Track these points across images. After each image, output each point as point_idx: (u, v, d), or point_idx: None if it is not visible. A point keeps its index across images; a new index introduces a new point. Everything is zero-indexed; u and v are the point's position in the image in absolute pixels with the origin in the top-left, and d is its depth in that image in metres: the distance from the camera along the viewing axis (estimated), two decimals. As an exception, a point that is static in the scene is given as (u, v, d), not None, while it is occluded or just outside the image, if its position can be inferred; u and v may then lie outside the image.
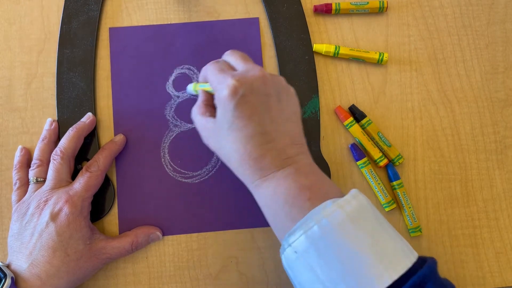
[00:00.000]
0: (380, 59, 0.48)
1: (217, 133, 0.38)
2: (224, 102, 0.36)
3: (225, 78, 0.37)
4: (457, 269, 0.46)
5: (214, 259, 0.46)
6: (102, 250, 0.42)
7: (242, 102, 0.36)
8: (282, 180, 0.36)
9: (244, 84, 0.36)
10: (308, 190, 0.35)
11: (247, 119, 0.36)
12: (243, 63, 0.39)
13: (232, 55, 0.40)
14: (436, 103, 0.49)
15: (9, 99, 0.48)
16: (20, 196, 0.44)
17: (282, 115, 0.37)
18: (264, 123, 0.36)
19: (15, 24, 0.49)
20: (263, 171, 0.36)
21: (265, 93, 0.37)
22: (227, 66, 0.39)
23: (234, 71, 0.38)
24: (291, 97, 0.39)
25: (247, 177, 0.37)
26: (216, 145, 0.38)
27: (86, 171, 0.43)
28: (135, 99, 0.48)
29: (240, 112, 0.36)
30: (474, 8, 0.51)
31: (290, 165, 0.36)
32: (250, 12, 0.50)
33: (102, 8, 0.49)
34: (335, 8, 0.49)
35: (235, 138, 0.36)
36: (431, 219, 0.47)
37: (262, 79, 0.37)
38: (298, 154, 0.37)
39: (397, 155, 0.47)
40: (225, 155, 0.38)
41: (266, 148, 0.36)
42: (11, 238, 0.42)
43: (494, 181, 0.48)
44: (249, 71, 0.37)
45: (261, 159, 0.36)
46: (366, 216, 0.34)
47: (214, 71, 0.39)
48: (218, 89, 0.37)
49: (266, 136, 0.36)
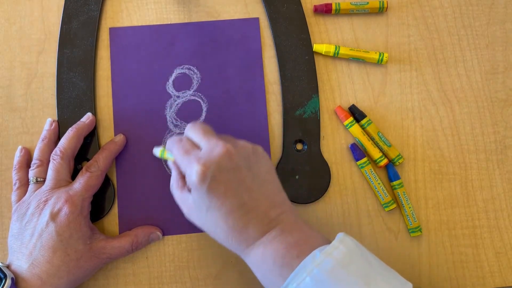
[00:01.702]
0: (380, 59, 0.48)
1: (197, 212, 0.38)
2: (195, 187, 0.36)
3: (190, 162, 0.37)
4: (457, 269, 0.46)
5: (214, 259, 0.46)
6: (102, 250, 0.42)
7: (214, 184, 0.36)
8: (268, 244, 0.36)
9: (210, 166, 0.36)
10: (295, 247, 0.35)
11: (223, 198, 0.36)
12: (205, 140, 0.38)
13: (193, 130, 0.40)
14: (436, 103, 0.49)
15: (9, 99, 0.48)
16: (20, 196, 0.44)
17: (256, 180, 0.38)
18: (240, 195, 0.37)
19: (15, 24, 0.49)
20: (248, 241, 0.37)
21: (233, 167, 0.37)
22: (190, 145, 0.39)
23: (198, 152, 0.38)
24: (260, 158, 0.39)
25: (236, 248, 0.38)
26: (199, 221, 0.39)
27: (86, 171, 0.43)
28: (135, 99, 0.48)
29: (214, 193, 0.36)
30: (474, 8, 0.51)
31: (274, 227, 0.37)
32: (250, 12, 0.50)
33: (102, 8, 0.49)
34: (335, 8, 0.49)
35: (216, 217, 0.37)
36: (431, 219, 0.47)
37: (228, 154, 0.37)
38: (280, 214, 0.37)
39: (397, 155, 0.47)
40: (210, 231, 0.38)
41: (248, 219, 0.36)
42: (11, 238, 0.42)
43: (494, 181, 0.48)
44: (213, 149, 0.37)
45: (245, 230, 0.36)
46: (356, 259, 0.34)
47: (179, 153, 0.39)
48: (187, 174, 0.37)
49: (245, 207, 0.37)
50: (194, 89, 0.49)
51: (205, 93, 0.48)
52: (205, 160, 0.36)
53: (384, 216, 0.47)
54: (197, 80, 0.49)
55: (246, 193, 0.37)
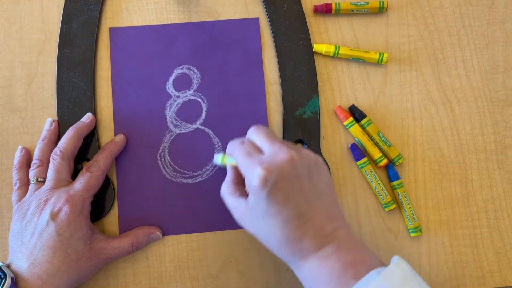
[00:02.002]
0: (380, 59, 0.48)
1: (251, 217, 0.37)
2: (255, 191, 0.36)
3: (253, 165, 0.36)
4: (457, 269, 0.46)
5: (214, 259, 0.46)
6: (102, 250, 0.42)
7: (274, 190, 0.35)
8: (324, 260, 0.35)
9: (273, 171, 0.35)
10: (352, 267, 0.35)
11: (281, 205, 0.35)
12: (269, 144, 0.38)
13: (257, 134, 0.39)
14: (436, 103, 0.49)
15: (9, 99, 0.48)
16: (21, 196, 0.44)
17: (315, 192, 0.37)
18: (299, 205, 0.36)
19: (15, 24, 0.49)
20: (303, 252, 0.36)
21: (295, 175, 0.36)
22: (253, 147, 0.38)
23: (261, 155, 0.37)
24: (321, 169, 0.38)
25: (288, 259, 0.37)
26: (252, 227, 0.38)
27: (87, 171, 0.43)
28: (135, 99, 0.48)
29: (273, 199, 0.35)
30: (474, 8, 0.51)
31: (330, 242, 0.36)
32: (250, 12, 0.50)
33: (102, 8, 0.49)
34: (335, 8, 0.49)
35: (271, 224, 0.36)
36: (431, 219, 0.47)
37: (291, 162, 0.36)
38: (336, 229, 0.37)
39: (397, 155, 0.47)
40: (263, 238, 0.38)
41: (304, 230, 0.36)
42: (11, 238, 0.42)
43: (494, 181, 0.48)
44: (277, 154, 0.36)
45: (300, 241, 0.36)
46: (410, 284, 0.34)
47: (241, 155, 0.38)
48: (247, 177, 0.36)
49: (302, 218, 0.36)
50: (194, 89, 0.49)
51: (205, 93, 0.48)
52: (268, 164, 0.36)
53: (384, 216, 0.47)
54: (197, 80, 0.49)
55: (305, 203, 0.36)
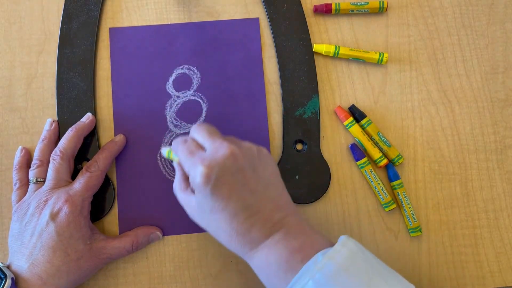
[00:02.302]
0: (380, 59, 0.48)
1: (201, 213, 0.38)
2: (199, 188, 0.36)
3: (195, 163, 0.36)
4: (457, 269, 0.46)
5: (214, 259, 0.46)
6: (103, 250, 0.42)
7: (217, 186, 0.35)
8: (273, 248, 0.36)
9: (214, 167, 0.35)
10: (300, 251, 0.35)
11: (226, 200, 0.36)
12: (209, 141, 0.38)
13: (198, 131, 0.39)
14: (436, 103, 0.49)
15: (9, 99, 0.48)
16: (20, 196, 0.44)
17: (260, 183, 0.37)
18: (244, 197, 0.36)
19: (15, 24, 0.49)
20: (252, 243, 0.36)
21: (238, 169, 0.36)
22: (195, 146, 0.39)
23: (202, 153, 0.37)
24: (265, 160, 0.39)
25: (239, 251, 0.37)
26: (202, 223, 0.38)
27: (86, 171, 0.43)
28: (135, 99, 0.48)
29: (218, 195, 0.36)
30: (474, 8, 0.51)
31: (278, 230, 0.36)
32: (250, 12, 0.50)
33: (102, 8, 0.49)
34: (335, 8, 0.49)
35: (219, 219, 0.36)
36: (431, 219, 0.47)
37: (232, 156, 0.36)
38: (284, 217, 0.37)
39: (397, 155, 0.47)
40: (213, 232, 0.38)
41: (251, 222, 0.36)
42: (11, 238, 0.42)
43: (494, 181, 0.48)
44: (217, 150, 0.37)
45: (248, 233, 0.36)
46: (358, 262, 0.34)
47: (183, 154, 0.38)
48: (191, 175, 0.37)
49: (249, 210, 0.36)
50: (194, 89, 0.49)
51: (205, 93, 0.48)
52: (209, 161, 0.36)
53: (384, 216, 0.47)
54: (197, 80, 0.49)
55: (250, 196, 0.37)
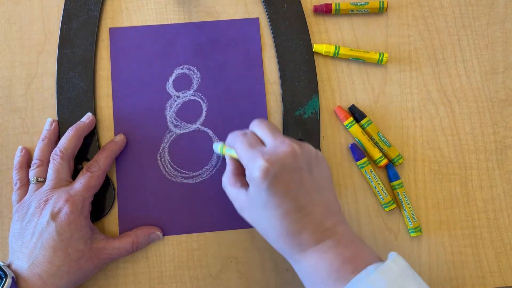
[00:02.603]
0: (380, 59, 0.48)
1: (252, 208, 0.37)
2: (256, 182, 0.36)
3: (255, 156, 0.36)
4: (457, 269, 0.46)
5: (214, 259, 0.46)
6: (103, 250, 0.42)
7: (275, 182, 0.35)
8: (323, 254, 0.35)
9: (275, 163, 0.35)
10: (351, 262, 0.35)
11: (282, 197, 0.36)
12: (271, 137, 0.38)
13: (259, 126, 0.39)
14: (436, 103, 0.49)
15: (9, 99, 0.48)
16: (21, 196, 0.44)
17: (315, 186, 0.37)
18: (299, 198, 0.36)
19: (15, 24, 0.49)
20: (302, 246, 0.36)
21: (296, 168, 0.36)
22: (255, 139, 0.38)
23: (263, 147, 0.37)
24: (321, 164, 0.39)
25: (286, 252, 0.37)
26: (252, 218, 0.38)
27: (87, 171, 0.43)
28: (135, 99, 0.48)
29: (274, 191, 0.35)
30: (474, 8, 0.51)
31: (329, 237, 0.36)
32: (250, 12, 0.50)
33: (102, 8, 0.49)
34: (335, 8, 0.49)
35: (271, 216, 0.36)
36: (431, 219, 0.47)
37: (293, 154, 0.36)
38: (336, 225, 0.37)
39: (397, 155, 0.47)
40: (262, 229, 0.38)
41: (303, 223, 0.36)
42: (11, 238, 0.42)
43: (494, 181, 0.48)
44: (278, 147, 0.37)
45: (299, 235, 0.36)
46: (407, 279, 0.34)
47: (243, 146, 0.38)
48: (249, 168, 0.37)
49: (302, 211, 0.36)
50: (194, 89, 0.49)
51: (205, 93, 0.48)
52: (270, 156, 0.36)
53: (384, 216, 0.47)
54: (197, 80, 0.49)
55: (305, 197, 0.36)
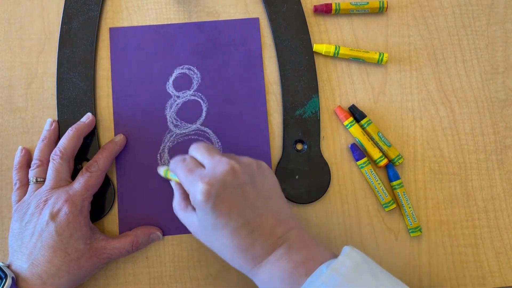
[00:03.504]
0: (380, 59, 0.48)
1: (203, 230, 0.38)
2: (200, 205, 0.36)
3: (194, 181, 0.36)
4: (457, 269, 0.46)
5: (214, 259, 0.46)
6: (103, 250, 0.42)
7: (218, 202, 0.35)
8: (276, 263, 0.36)
9: (214, 184, 0.35)
10: (303, 265, 0.35)
11: (227, 216, 0.36)
12: (208, 158, 0.38)
13: (197, 149, 0.39)
14: (436, 103, 0.49)
15: (9, 99, 0.48)
16: (20, 196, 0.44)
17: (260, 198, 0.37)
18: (245, 213, 0.36)
19: (15, 24, 0.49)
20: (256, 260, 0.36)
21: (238, 185, 0.36)
22: (194, 163, 0.38)
23: (202, 170, 0.37)
24: (265, 175, 0.39)
25: (243, 267, 0.37)
26: (206, 240, 0.38)
27: (86, 171, 0.43)
28: (135, 99, 0.48)
29: (219, 211, 0.36)
30: (474, 8, 0.51)
31: (281, 245, 0.36)
32: (250, 12, 0.50)
33: (102, 8, 0.49)
34: (335, 8, 0.49)
35: (221, 235, 0.36)
36: (431, 219, 0.47)
37: (232, 172, 0.36)
38: (287, 231, 0.37)
39: (397, 155, 0.47)
40: (217, 249, 0.38)
41: (254, 237, 0.36)
42: (11, 238, 0.42)
43: (494, 181, 0.48)
44: (216, 167, 0.37)
45: (251, 249, 0.36)
46: (362, 273, 0.34)
47: (183, 172, 0.38)
48: (191, 193, 0.37)
49: (250, 225, 0.36)
50: (194, 89, 0.49)
51: (205, 93, 0.48)
52: (209, 178, 0.36)
53: (384, 216, 0.47)
54: (197, 80, 0.49)
55: (251, 211, 0.36)
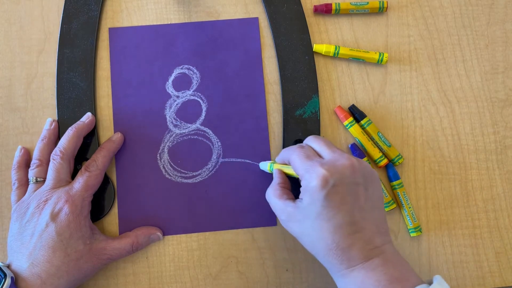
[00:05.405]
0: (380, 59, 0.48)
1: (300, 219, 0.37)
2: (313, 191, 0.36)
3: (313, 166, 0.36)
4: (457, 269, 0.46)
5: (214, 259, 0.46)
6: (103, 250, 0.42)
7: (332, 193, 0.35)
8: (371, 272, 0.35)
9: (334, 174, 0.36)
10: (398, 282, 0.35)
11: (337, 209, 0.36)
12: (329, 150, 0.38)
13: (316, 141, 0.40)
14: (436, 103, 0.49)
15: (9, 99, 0.48)
16: (19, 196, 0.44)
17: (369, 203, 0.37)
18: (353, 212, 0.36)
19: (15, 24, 0.49)
20: (350, 262, 0.36)
21: (354, 182, 0.36)
22: (312, 152, 0.39)
23: (321, 159, 0.37)
24: (376, 183, 0.39)
25: (333, 266, 0.37)
26: (298, 230, 0.38)
27: (85, 171, 0.43)
28: (135, 99, 0.48)
29: (330, 202, 0.35)
30: (474, 8, 0.51)
31: (377, 255, 0.36)
32: (250, 12, 0.50)
33: (102, 8, 0.49)
34: (335, 8, 0.49)
35: (322, 227, 0.36)
36: (431, 219, 0.47)
37: (351, 168, 0.36)
38: (384, 244, 0.37)
39: (397, 155, 0.47)
40: (309, 241, 0.38)
41: (354, 238, 0.36)
42: (10, 238, 0.42)
43: (494, 181, 0.48)
44: (337, 159, 0.37)
45: (349, 250, 0.36)
46: None
47: (300, 158, 0.38)
48: (306, 178, 0.37)
49: (354, 226, 0.36)
50: (194, 89, 0.49)
51: (205, 93, 0.48)
52: (329, 166, 0.36)
53: None
54: (197, 80, 0.49)
55: (359, 212, 0.36)
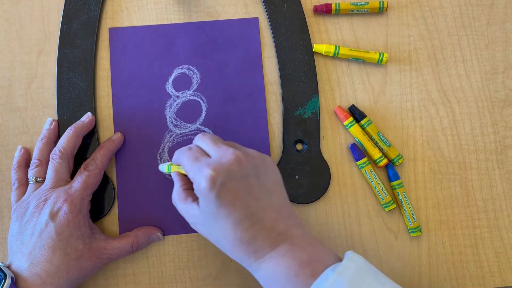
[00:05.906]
0: (380, 59, 0.48)
1: (204, 221, 0.37)
2: (204, 193, 0.36)
3: (200, 168, 0.36)
4: (457, 269, 0.46)
5: (214, 259, 0.46)
6: (103, 250, 0.42)
7: (223, 191, 0.35)
8: (280, 259, 0.35)
9: (221, 172, 0.35)
10: (309, 265, 0.35)
11: (231, 206, 0.36)
12: (215, 148, 0.38)
13: (202, 140, 0.39)
14: (436, 103, 0.49)
15: (9, 99, 0.48)
16: (19, 196, 0.44)
17: (264, 191, 0.37)
18: (249, 205, 0.36)
19: (15, 24, 0.49)
20: (257, 253, 0.36)
21: (243, 175, 0.36)
22: (200, 152, 0.39)
23: (208, 159, 0.37)
24: (269, 168, 0.39)
25: (243, 261, 0.37)
26: (205, 231, 0.38)
27: (84, 170, 0.43)
28: (135, 99, 0.48)
29: (223, 200, 0.35)
30: (474, 8, 0.51)
31: (284, 241, 0.36)
32: (250, 12, 0.50)
33: (102, 8, 0.49)
34: (335, 8, 0.49)
35: (223, 226, 0.36)
36: (431, 219, 0.47)
37: (238, 162, 0.36)
38: (289, 228, 0.37)
39: (397, 155, 0.47)
40: (217, 241, 0.38)
41: (256, 230, 0.36)
42: (11, 238, 0.42)
43: (494, 181, 0.48)
44: (223, 156, 0.37)
45: (253, 242, 0.36)
46: (366, 277, 0.34)
47: (188, 160, 0.38)
48: (196, 181, 0.37)
49: (253, 218, 0.36)
50: (194, 89, 0.49)
51: (205, 93, 0.48)
52: (215, 165, 0.36)
53: (384, 216, 0.47)
54: (197, 80, 0.49)
55: (255, 203, 0.36)
